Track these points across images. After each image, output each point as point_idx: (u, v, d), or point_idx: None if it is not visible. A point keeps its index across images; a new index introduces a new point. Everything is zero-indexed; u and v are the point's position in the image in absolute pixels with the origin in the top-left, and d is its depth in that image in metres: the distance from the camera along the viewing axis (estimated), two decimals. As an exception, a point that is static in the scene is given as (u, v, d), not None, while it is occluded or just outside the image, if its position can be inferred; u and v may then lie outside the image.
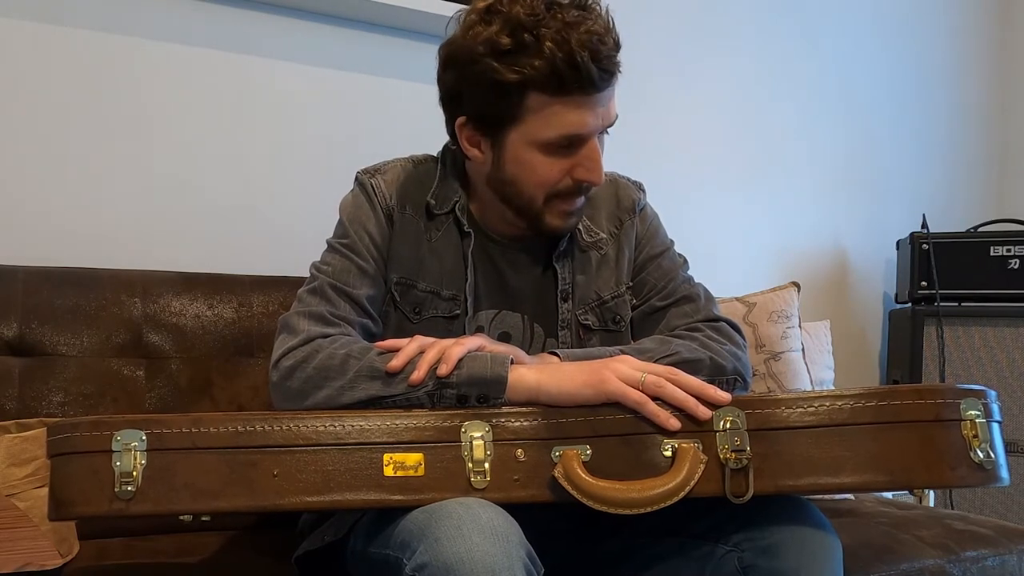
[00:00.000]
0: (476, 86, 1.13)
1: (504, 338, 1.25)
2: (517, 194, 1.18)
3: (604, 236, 1.30)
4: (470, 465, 0.99)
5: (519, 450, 1.01)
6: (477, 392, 1.04)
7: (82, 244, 1.67)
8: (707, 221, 2.41)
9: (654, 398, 1.02)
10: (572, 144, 1.14)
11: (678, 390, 1.03)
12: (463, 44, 1.14)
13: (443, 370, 1.04)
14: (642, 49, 2.30)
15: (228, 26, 1.81)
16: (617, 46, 1.13)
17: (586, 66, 1.08)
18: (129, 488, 0.95)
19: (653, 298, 1.29)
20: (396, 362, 1.05)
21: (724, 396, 1.03)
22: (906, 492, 2.27)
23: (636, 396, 1.02)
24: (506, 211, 1.22)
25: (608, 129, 1.18)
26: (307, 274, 1.22)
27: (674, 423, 1.01)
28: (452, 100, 1.19)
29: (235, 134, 1.82)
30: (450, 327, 1.23)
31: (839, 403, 1.02)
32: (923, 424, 1.00)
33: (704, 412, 1.02)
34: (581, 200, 1.20)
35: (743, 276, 2.41)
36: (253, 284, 1.65)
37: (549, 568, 0.97)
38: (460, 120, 1.19)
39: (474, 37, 1.12)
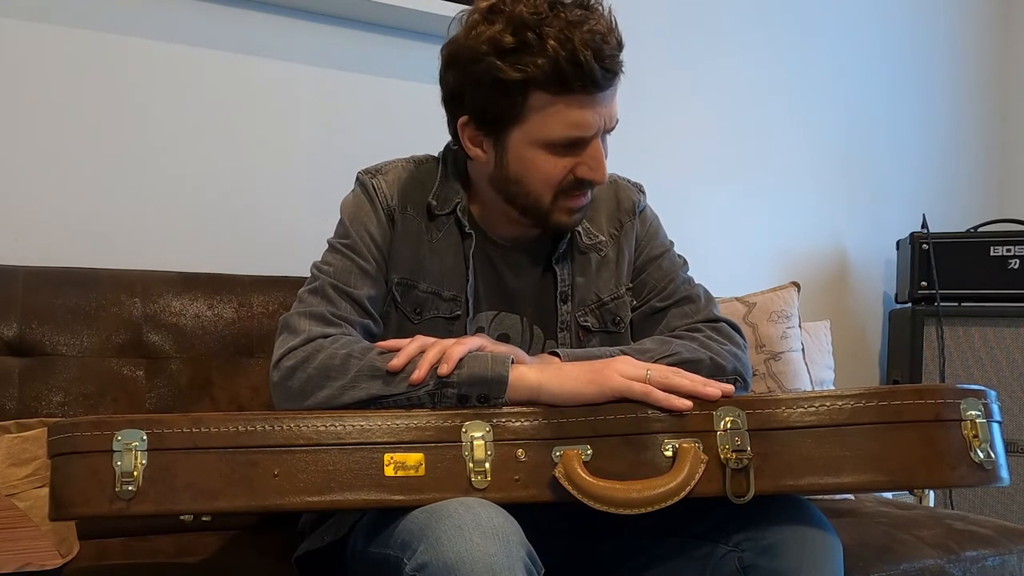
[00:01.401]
0: (478, 85, 1.14)
1: (503, 339, 1.25)
2: (523, 193, 1.18)
3: (604, 238, 1.30)
4: (471, 465, 0.99)
5: (520, 450, 1.01)
6: (478, 392, 1.04)
7: (82, 244, 1.67)
8: (707, 221, 2.41)
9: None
10: (575, 143, 1.14)
11: (684, 379, 1.04)
12: (466, 43, 1.14)
13: (444, 369, 1.04)
14: (643, 49, 2.29)
15: (228, 26, 1.81)
16: (620, 45, 1.13)
17: (589, 65, 1.08)
18: (130, 488, 0.95)
19: (653, 299, 1.29)
20: (397, 361, 1.06)
21: (728, 387, 1.04)
22: (906, 492, 2.27)
23: (641, 387, 1.02)
24: (510, 211, 1.22)
25: (612, 128, 1.18)
26: (307, 274, 1.22)
27: (685, 403, 1.02)
28: (454, 100, 1.19)
29: (235, 134, 1.82)
30: (451, 328, 1.23)
31: (839, 403, 1.02)
32: (923, 424, 1.01)
33: (713, 392, 1.03)
34: (587, 196, 1.20)
35: (743, 276, 2.40)
36: (253, 284, 1.65)
37: (549, 568, 0.97)
38: (462, 120, 1.19)
39: (477, 36, 1.12)
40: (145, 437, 0.97)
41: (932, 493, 2.26)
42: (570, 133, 1.13)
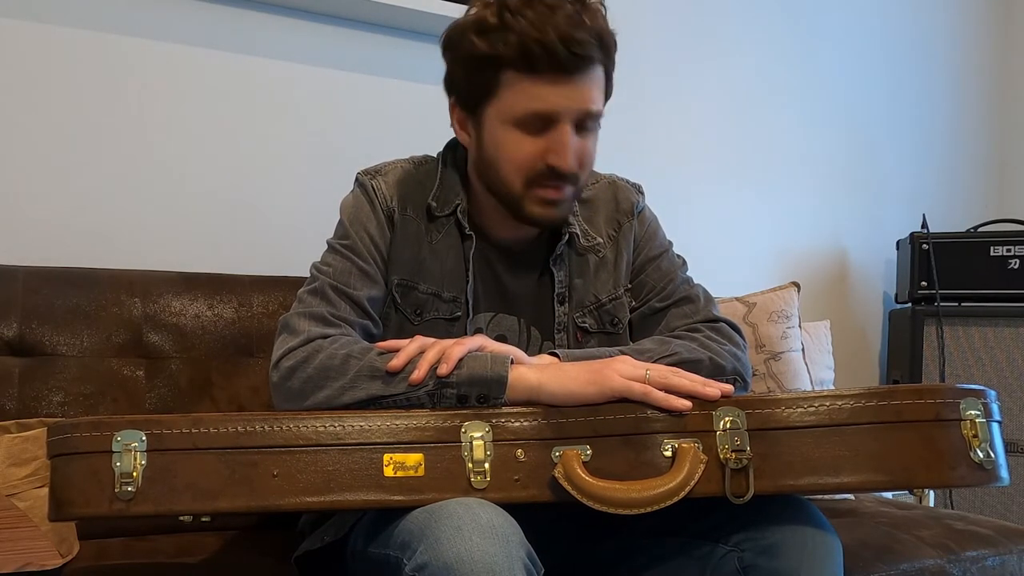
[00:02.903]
0: (460, 63, 1.18)
1: (500, 340, 1.25)
2: (498, 179, 1.19)
3: (602, 240, 1.30)
4: (470, 465, 0.99)
5: (519, 450, 1.01)
6: (477, 392, 1.04)
7: (82, 244, 1.67)
8: (707, 221, 2.41)
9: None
10: (543, 125, 1.15)
11: (683, 379, 1.04)
12: (457, 24, 1.18)
13: (443, 370, 1.04)
14: (643, 49, 2.30)
15: (228, 26, 1.81)
16: (597, 35, 1.13)
17: (555, 48, 1.10)
18: (129, 488, 0.95)
19: (652, 299, 1.29)
20: (396, 361, 1.06)
21: (727, 387, 1.04)
22: (906, 492, 2.27)
23: (640, 388, 1.02)
24: (497, 206, 1.22)
25: (592, 123, 1.17)
26: (307, 274, 1.22)
27: (684, 403, 1.02)
28: (448, 82, 1.22)
29: (235, 134, 1.82)
30: (451, 329, 1.23)
31: (839, 403, 1.02)
32: (923, 424, 1.00)
33: (713, 392, 1.03)
34: (565, 191, 1.19)
35: (743, 276, 2.40)
36: (253, 284, 1.65)
37: (549, 568, 0.97)
38: (452, 101, 1.22)
39: (468, 16, 1.16)
40: (145, 438, 0.97)
41: (932, 493, 2.26)
42: (532, 106, 1.13)
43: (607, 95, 1.20)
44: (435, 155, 1.31)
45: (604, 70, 1.17)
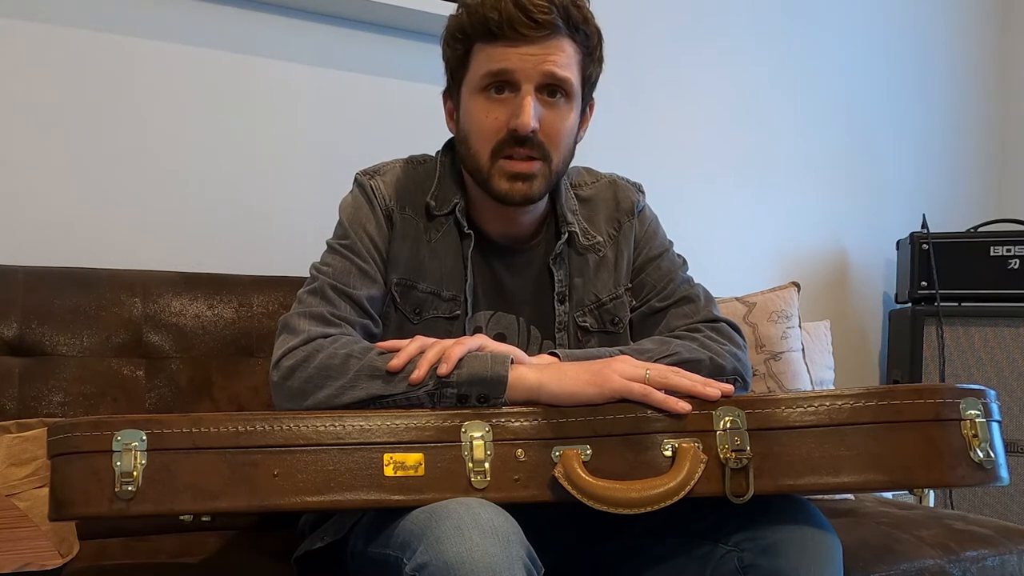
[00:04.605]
0: (443, 49, 1.21)
1: (499, 339, 1.25)
2: (471, 155, 1.20)
3: (602, 239, 1.30)
4: (470, 465, 0.99)
5: (519, 450, 1.01)
6: (477, 391, 1.04)
7: (82, 244, 1.67)
8: (707, 221, 2.41)
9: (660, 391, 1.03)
10: (506, 90, 1.16)
11: (683, 378, 1.04)
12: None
13: (443, 369, 1.04)
14: (642, 47, 2.30)
15: (228, 26, 1.81)
16: (563, 8, 1.14)
17: (511, 12, 1.12)
18: (129, 488, 0.95)
19: (653, 299, 1.29)
20: (397, 361, 1.06)
21: (727, 387, 1.04)
22: (906, 492, 2.27)
23: (640, 388, 1.02)
24: (494, 204, 1.21)
25: (560, 93, 1.17)
26: (307, 274, 1.22)
27: (684, 405, 1.02)
28: (447, 76, 1.24)
29: (235, 134, 1.82)
30: (450, 328, 1.23)
31: (839, 403, 1.02)
32: (923, 424, 1.01)
33: (713, 392, 1.03)
34: (531, 164, 1.17)
35: (743, 276, 2.41)
36: (253, 284, 1.65)
37: (549, 568, 0.97)
38: (443, 93, 1.25)
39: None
40: (145, 437, 0.97)
41: (932, 493, 2.26)
42: (492, 67, 1.15)
43: (586, 77, 1.21)
44: (433, 154, 1.31)
45: (573, 44, 1.17)
